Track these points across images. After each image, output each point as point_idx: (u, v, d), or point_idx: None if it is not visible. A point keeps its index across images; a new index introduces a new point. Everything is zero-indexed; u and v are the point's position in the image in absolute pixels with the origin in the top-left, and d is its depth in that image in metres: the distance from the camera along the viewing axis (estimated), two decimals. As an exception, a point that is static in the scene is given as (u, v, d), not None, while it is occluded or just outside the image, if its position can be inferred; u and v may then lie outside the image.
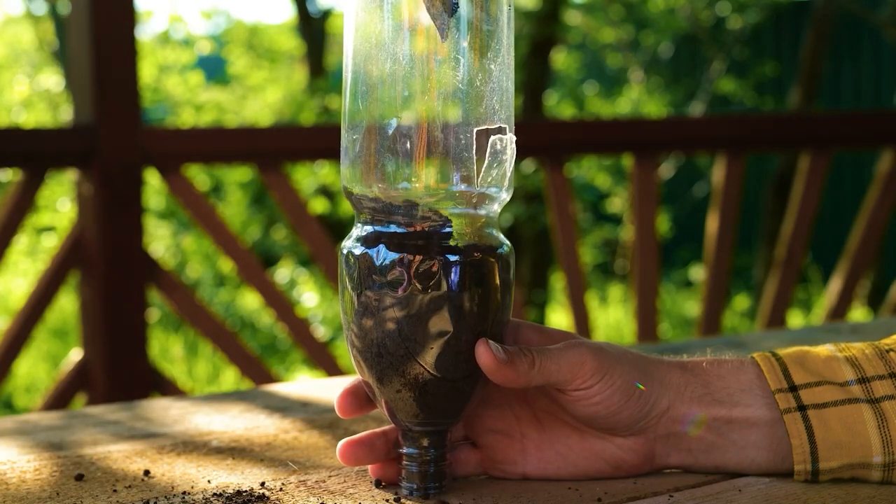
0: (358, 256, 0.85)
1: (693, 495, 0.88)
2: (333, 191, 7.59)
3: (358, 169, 0.85)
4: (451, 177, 0.83)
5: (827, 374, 0.91)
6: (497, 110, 0.84)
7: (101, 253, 2.85)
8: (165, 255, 7.85)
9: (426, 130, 0.83)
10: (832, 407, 0.89)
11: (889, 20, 7.19)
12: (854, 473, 0.90)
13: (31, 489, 0.91)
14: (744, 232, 5.73)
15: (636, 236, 3.45)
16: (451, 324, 0.83)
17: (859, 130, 3.76)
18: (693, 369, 0.91)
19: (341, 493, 0.89)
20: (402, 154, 0.83)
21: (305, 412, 1.18)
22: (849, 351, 0.93)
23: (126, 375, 2.88)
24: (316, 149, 3.28)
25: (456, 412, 0.87)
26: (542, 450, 0.91)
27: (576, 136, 3.47)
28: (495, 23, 0.84)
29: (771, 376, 0.91)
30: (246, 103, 9.26)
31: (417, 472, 0.88)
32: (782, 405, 0.89)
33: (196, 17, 14.62)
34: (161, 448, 1.04)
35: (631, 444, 0.91)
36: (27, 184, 2.91)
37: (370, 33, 0.84)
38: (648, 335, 3.44)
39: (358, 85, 0.84)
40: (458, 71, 0.83)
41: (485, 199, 0.85)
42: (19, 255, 7.92)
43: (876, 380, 0.90)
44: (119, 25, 2.85)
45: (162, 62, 9.37)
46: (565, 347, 0.87)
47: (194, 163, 3.41)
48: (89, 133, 2.82)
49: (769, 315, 3.60)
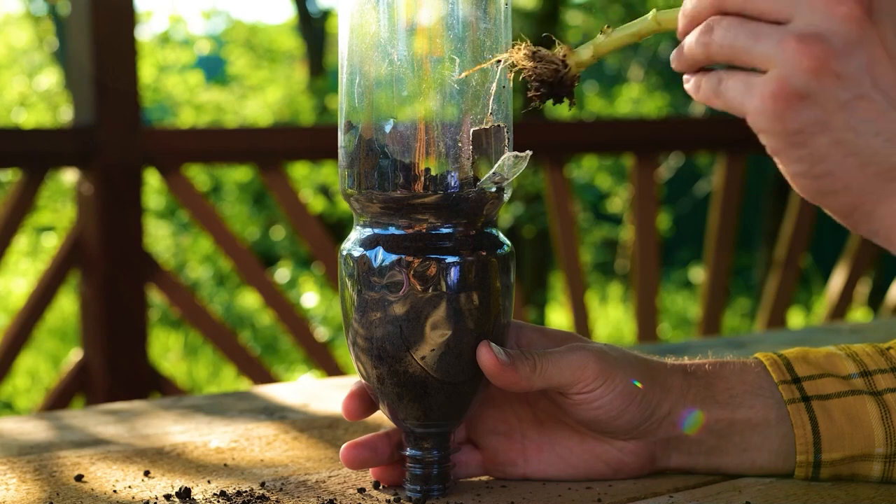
0: (357, 258, 0.85)
1: (693, 496, 0.88)
2: (333, 190, 7.58)
3: (355, 170, 0.85)
4: (449, 177, 0.83)
5: (829, 368, 0.91)
6: (495, 110, 0.84)
7: (101, 253, 2.85)
8: (165, 255, 7.85)
9: (423, 131, 0.83)
10: (835, 398, 0.89)
11: (889, 20, 7.17)
12: (854, 467, 0.90)
13: (31, 489, 0.91)
14: (744, 232, 5.73)
15: (636, 236, 3.45)
16: (450, 325, 0.83)
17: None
18: (695, 372, 0.91)
19: (341, 493, 0.89)
20: (399, 155, 0.83)
21: (305, 412, 1.18)
22: (850, 349, 0.94)
23: (126, 375, 2.87)
24: (315, 149, 3.28)
25: (458, 414, 0.87)
26: (543, 451, 0.91)
27: (576, 136, 3.47)
28: (492, 21, 0.84)
29: (774, 369, 0.91)
30: (245, 103, 9.26)
31: (421, 474, 0.87)
32: (786, 396, 0.89)
33: (196, 17, 14.62)
34: (161, 448, 1.04)
35: (632, 447, 0.90)
36: (27, 184, 2.91)
37: (366, 34, 0.84)
38: (648, 335, 3.44)
39: (354, 86, 0.84)
40: (454, 71, 0.83)
41: (483, 199, 0.85)
42: (19, 255, 7.92)
43: (878, 373, 0.91)
44: (119, 25, 2.85)
45: (162, 62, 9.37)
46: (567, 351, 0.87)
47: (194, 163, 3.40)
48: (89, 133, 2.82)
49: (769, 315, 3.61)
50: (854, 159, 0.68)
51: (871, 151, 0.68)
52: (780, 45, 0.68)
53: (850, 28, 0.67)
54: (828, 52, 0.67)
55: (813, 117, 0.68)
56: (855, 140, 0.68)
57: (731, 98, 0.72)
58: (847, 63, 0.67)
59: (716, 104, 0.73)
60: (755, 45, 0.69)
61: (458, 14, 0.83)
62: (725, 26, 0.71)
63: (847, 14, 0.67)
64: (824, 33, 0.67)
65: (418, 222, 0.84)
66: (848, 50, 0.67)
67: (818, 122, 0.68)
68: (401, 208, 0.83)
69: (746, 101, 0.70)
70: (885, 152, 0.68)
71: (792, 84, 0.68)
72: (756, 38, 0.69)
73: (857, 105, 0.68)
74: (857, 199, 0.69)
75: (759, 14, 0.70)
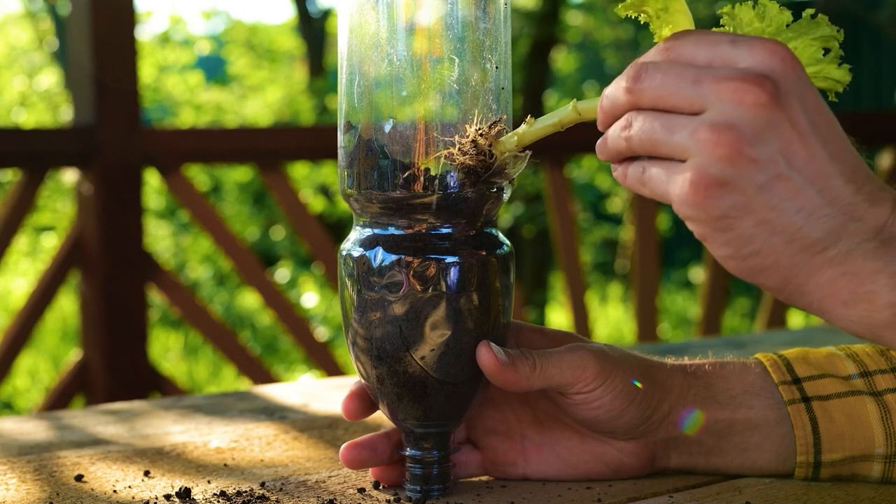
0: (356, 258, 0.85)
1: (693, 496, 0.88)
2: (333, 190, 7.59)
3: (355, 170, 0.85)
4: (449, 177, 0.83)
5: (829, 368, 0.91)
6: (495, 110, 0.84)
7: (101, 253, 2.85)
8: (165, 255, 7.85)
9: (423, 131, 0.83)
10: (835, 399, 0.89)
11: (889, 20, 7.19)
12: (854, 468, 0.90)
13: (31, 489, 0.91)
14: (744, 232, 5.70)
15: (636, 236, 3.45)
16: (450, 325, 0.83)
17: (859, 130, 3.75)
18: (695, 372, 0.91)
19: (341, 493, 0.89)
20: (398, 155, 0.83)
21: (305, 412, 1.18)
22: (850, 349, 0.94)
23: (126, 375, 2.88)
24: (315, 148, 3.28)
25: (457, 414, 0.87)
26: (543, 452, 0.91)
27: (576, 136, 3.46)
28: (492, 21, 0.84)
29: (774, 370, 0.91)
30: (246, 103, 9.26)
31: (421, 474, 0.87)
32: (786, 396, 0.89)
33: (196, 17, 14.63)
34: (161, 448, 1.04)
35: (632, 447, 0.90)
36: (27, 184, 2.91)
37: (365, 34, 0.84)
38: (648, 335, 3.44)
39: (353, 86, 0.84)
40: (453, 71, 0.83)
41: (483, 199, 0.85)
42: (19, 255, 7.92)
43: (878, 374, 0.91)
44: (119, 26, 2.85)
45: (162, 62, 9.38)
46: (567, 351, 0.87)
47: (194, 163, 3.41)
48: (89, 133, 2.82)
49: (769, 315, 3.60)
50: (779, 237, 0.71)
51: (794, 228, 0.70)
52: (694, 136, 0.70)
53: (758, 114, 0.69)
54: (740, 138, 0.69)
55: (734, 202, 0.70)
56: (777, 219, 0.70)
57: (655, 186, 0.74)
58: (760, 147, 0.70)
59: (642, 192, 0.75)
60: (671, 137, 0.72)
61: (458, 14, 0.83)
62: (642, 120, 0.73)
63: (754, 101, 0.69)
64: (734, 121, 0.70)
65: (418, 222, 0.84)
66: (759, 135, 0.70)
67: (740, 206, 0.70)
68: (400, 208, 0.83)
69: (670, 189, 0.72)
70: (806, 228, 0.70)
71: (709, 172, 0.70)
72: (671, 131, 0.72)
73: (775, 185, 0.70)
74: (788, 275, 0.72)
75: (672, 108, 0.72)
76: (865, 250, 0.70)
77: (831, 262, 0.71)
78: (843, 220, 0.70)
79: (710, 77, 0.71)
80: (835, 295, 0.71)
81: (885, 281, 0.70)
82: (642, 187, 0.75)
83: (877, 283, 0.70)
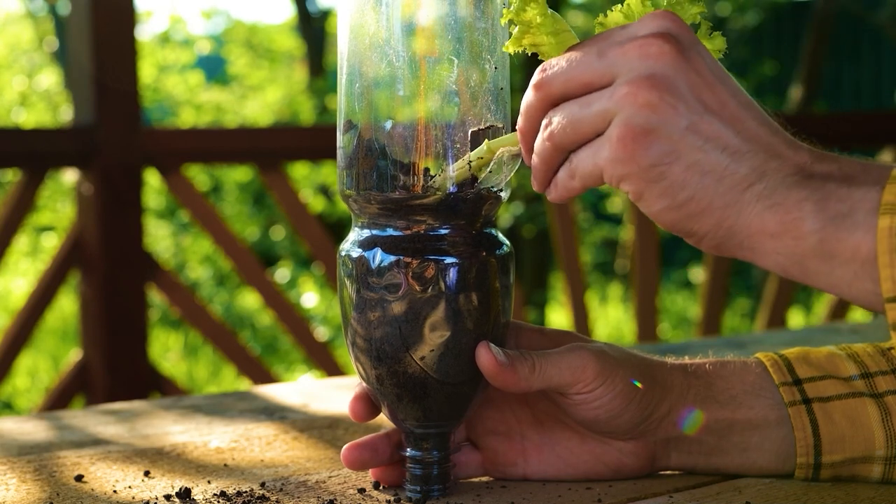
0: (355, 259, 0.85)
1: (693, 496, 0.88)
2: (333, 190, 7.58)
3: (354, 171, 0.84)
4: (448, 177, 0.83)
5: (830, 369, 0.91)
6: (493, 110, 0.84)
7: (101, 253, 2.85)
8: (165, 255, 7.85)
9: (422, 131, 0.83)
10: (836, 400, 0.89)
11: (889, 20, 7.19)
12: (854, 469, 0.90)
13: (31, 489, 0.91)
14: (744, 232, 5.70)
15: (636, 236, 3.45)
16: (449, 326, 0.83)
17: (859, 130, 3.76)
18: (695, 372, 0.91)
19: (341, 493, 0.89)
20: (397, 155, 0.83)
21: (305, 412, 1.18)
22: (850, 349, 0.93)
23: (126, 375, 2.88)
24: (315, 149, 3.28)
25: (457, 415, 0.87)
26: (543, 452, 0.91)
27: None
28: (490, 22, 0.84)
29: (775, 370, 0.91)
30: (245, 103, 9.26)
31: (421, 474, 0.87)
32: (787, 398, 0.89)
33: (196, 17, 14.63)
34: (161, 448, 1.04)
35: (632, 447, 0.90)
36: (27, 184, 2.91)
37: (365, 34, 0.84)
38: (648, 335, 3.44)
39: (353, 86, 0.84)
40: (452, 71, 0.83)
41: (482, 199, 0.85)
42: (19, 255, 7.92)
43: (879, 375, 0.90)
44: (119, 25, 2.85)
45: (162, 62, 9.38)
46: (566, 351, 0.86)
47: (194, 163, 3.40)
48: (89, 133, 2.82)
49: (769, 315, 3.60)
50: (710, 177, 0.73)
51: (722, 167, 0.73)
52: (613, 98, 0.73)
53: (666, 62, 0.73)
54: (658, 85, 0.73)
55: (662, 149, 0.73)
56: (705, 159, 0.73)
57: (584, 167, 0.76)
58: (676, 93, 0.73)
59: (574, 186, 0.77)
60: (591, 109, 0.75)
61: (457, 14, 0.83)
62: (559, 111, 0.76)
63: (659, 51, 0.73)
64: (648, 72, 0.73)
65: (417, 223, 0.84)
66: (673, 82, 0.73)
67: (668, 153, 0.73)
68: (399, 209, 0.83)
69: (598, 158, 0.75)
70: (733, 165, 0.73)
71: (635, 123, 0.73)
72: (589, 104, 0.75)
73: (698, 127, 0.73)
74: (721, 216, 0.74)
75: (584, 86, 0.75)
76: (790, 183, 0.73)
77: (759, 196, 0.73)
78: (765, 158, 0.73)
79: (613, 46, 0.74)
80: (763, 229, 0.73)
81: (811, 207, 0.72)
82: (572, 180, 0.77)
83: (802, 210, 0.72)
